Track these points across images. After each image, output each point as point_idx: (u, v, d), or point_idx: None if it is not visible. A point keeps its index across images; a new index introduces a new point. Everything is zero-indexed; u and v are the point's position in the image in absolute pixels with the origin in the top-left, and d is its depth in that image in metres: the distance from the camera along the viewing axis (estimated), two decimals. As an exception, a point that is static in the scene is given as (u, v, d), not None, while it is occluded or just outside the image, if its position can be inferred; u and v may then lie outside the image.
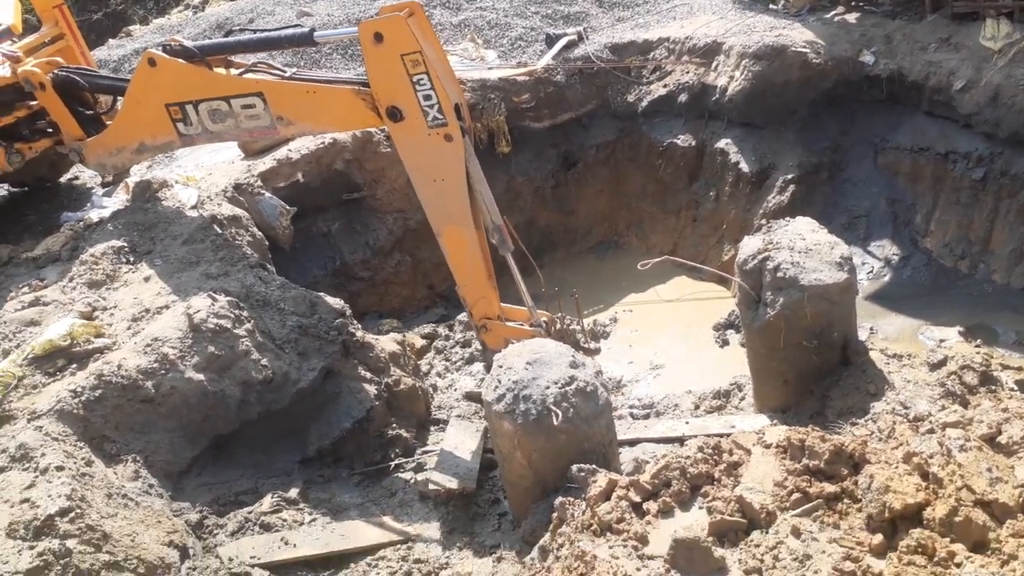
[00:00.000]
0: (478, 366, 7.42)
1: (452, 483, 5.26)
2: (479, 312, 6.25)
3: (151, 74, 6.01)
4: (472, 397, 6.72)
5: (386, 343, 6.55)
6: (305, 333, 6.03)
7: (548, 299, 7.41)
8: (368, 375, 6.12)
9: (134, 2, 16.58)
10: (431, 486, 5.25)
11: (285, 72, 6.10)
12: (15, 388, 4.95)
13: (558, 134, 9.42)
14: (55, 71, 6.85)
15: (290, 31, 6.00)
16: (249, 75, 6.02)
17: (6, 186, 8.40)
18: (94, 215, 7.28)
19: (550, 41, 9.70)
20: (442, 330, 8.05)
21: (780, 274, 5.22)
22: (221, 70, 6.06)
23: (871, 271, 7.89)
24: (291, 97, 5.74)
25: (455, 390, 7.13)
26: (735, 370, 6.70)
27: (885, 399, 4.86)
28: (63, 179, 8.47)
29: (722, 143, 8.71)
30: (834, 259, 5.28)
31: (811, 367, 5.40)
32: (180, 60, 5.92)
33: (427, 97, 5.28)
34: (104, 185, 8.22)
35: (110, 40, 13.46)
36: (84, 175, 8.55)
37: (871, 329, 7.14)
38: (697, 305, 8.25)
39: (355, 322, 6.47)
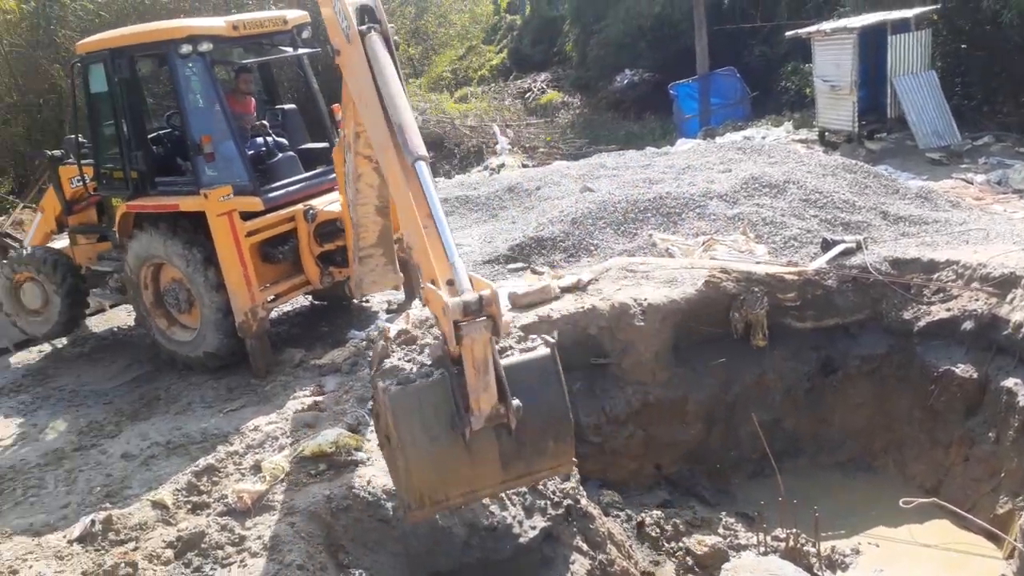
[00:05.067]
0: None
1: None
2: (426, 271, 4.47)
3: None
4: None
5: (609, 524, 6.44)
6: (533, 489, 6.14)
7: (784, 510, 6.96)
8: (585, 547, 6.05)
9: (443, 158, 19.01)
10: None
11: None
12: (282, 482, 5.52)
13: (821, 338, 9.07)
14: None
15: None
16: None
17: (311, 298, 9.73)
18: (376, 335, 8.15)
19: (826, 246, 9.56)
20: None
21: (1076, 551, 4.50)
22: None
23: None
24: None
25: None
26: (999, 647, 5.73)
27: None
28: (356, 301, 9.63)
29: (1010, 382, 7.84)
30: None
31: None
32: None
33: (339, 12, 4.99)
34: (388, 312, 9.22)
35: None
36: (374, 299, 9.66)
37: None
38: (959, 558, 7.23)
39: (581, 488, 6.50)
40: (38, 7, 19.79)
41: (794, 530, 7.06)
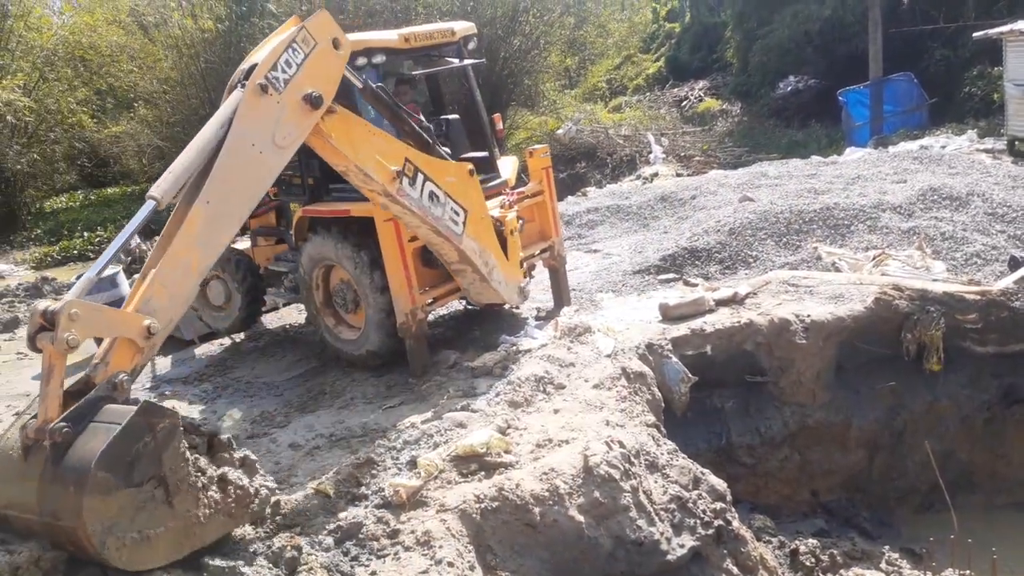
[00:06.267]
0: None
1: None
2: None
3: None
4: None
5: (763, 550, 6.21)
6: (682, 506, 6.02)
7: (956, 548, 6.43)
8: (735, 571, 5.85)
9: (595, 168, 19.01)
10: None
11: None
12: (435, 478, 5.71)
13: (1004, 364, 8.35)
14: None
15: None
16: None
17: (464, 303, 10.00)
18: (525, 343, 8.26)
19: (1015, 264, 8.77)
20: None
21: None
22: None
23: None
24: None
25: None
26: None
27: None
28: (506, 306, 9.81)
29: None
30: None
31: None
32: None
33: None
34: (537, 318, 9.32)
35: (569, 197, 15.52)
36: (523, 306, 9.80)
37: None
38: None
39: (733, 509, 6.29)
40: (231, 26, 21.67)
41: (968, 572, 6.51)
